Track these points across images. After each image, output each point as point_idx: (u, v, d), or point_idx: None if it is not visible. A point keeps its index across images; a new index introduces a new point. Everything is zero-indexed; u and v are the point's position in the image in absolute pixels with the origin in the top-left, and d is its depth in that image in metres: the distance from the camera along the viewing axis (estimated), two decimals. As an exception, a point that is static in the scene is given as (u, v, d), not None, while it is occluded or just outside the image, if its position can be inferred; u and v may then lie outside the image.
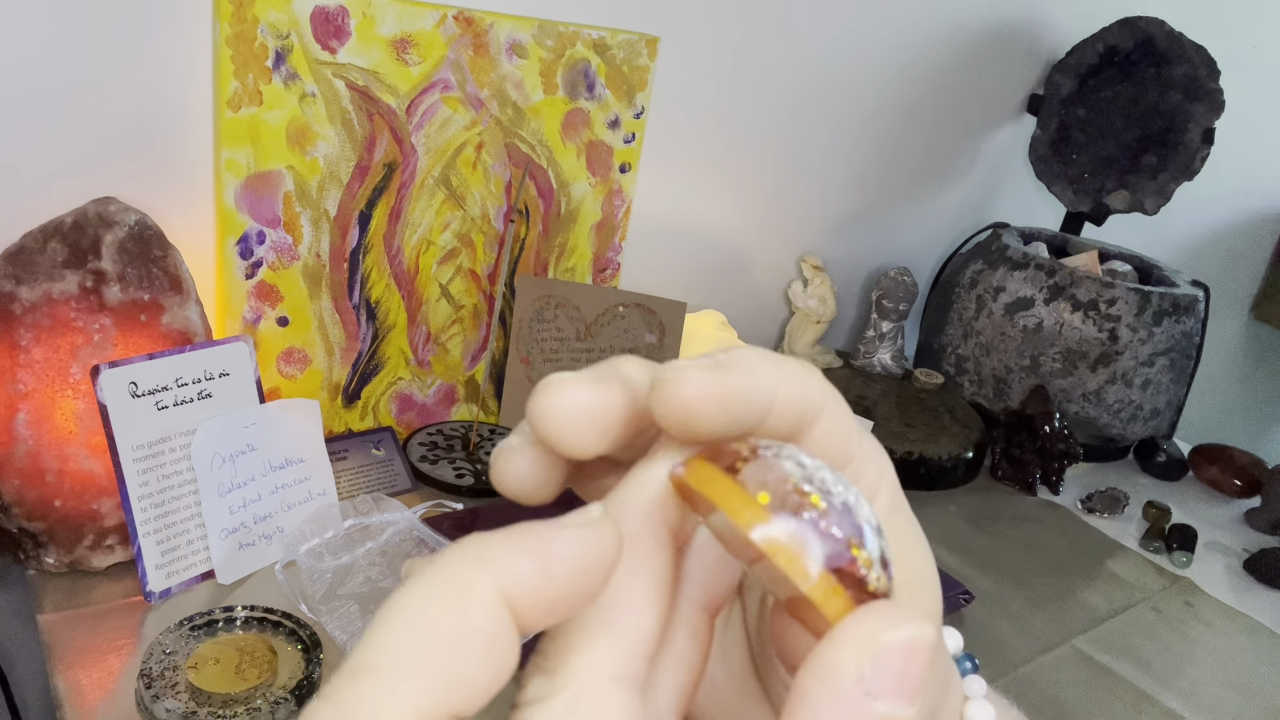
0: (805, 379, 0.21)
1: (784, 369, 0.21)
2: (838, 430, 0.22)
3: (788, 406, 0.20)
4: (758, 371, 0.20)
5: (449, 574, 0.17)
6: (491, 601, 0.17)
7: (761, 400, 0.20)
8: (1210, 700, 0.83)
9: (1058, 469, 1.12)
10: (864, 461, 0.22)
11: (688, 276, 1.16)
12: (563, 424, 0.20)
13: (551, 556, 0.17)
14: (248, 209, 0.79)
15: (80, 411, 0.68)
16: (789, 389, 0.20)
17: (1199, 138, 1.27)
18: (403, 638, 0.16)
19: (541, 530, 0.18)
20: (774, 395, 0.20)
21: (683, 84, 1.03)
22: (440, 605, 0.17)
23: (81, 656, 0.62)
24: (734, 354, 0.20)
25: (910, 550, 0.23)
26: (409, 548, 0.76)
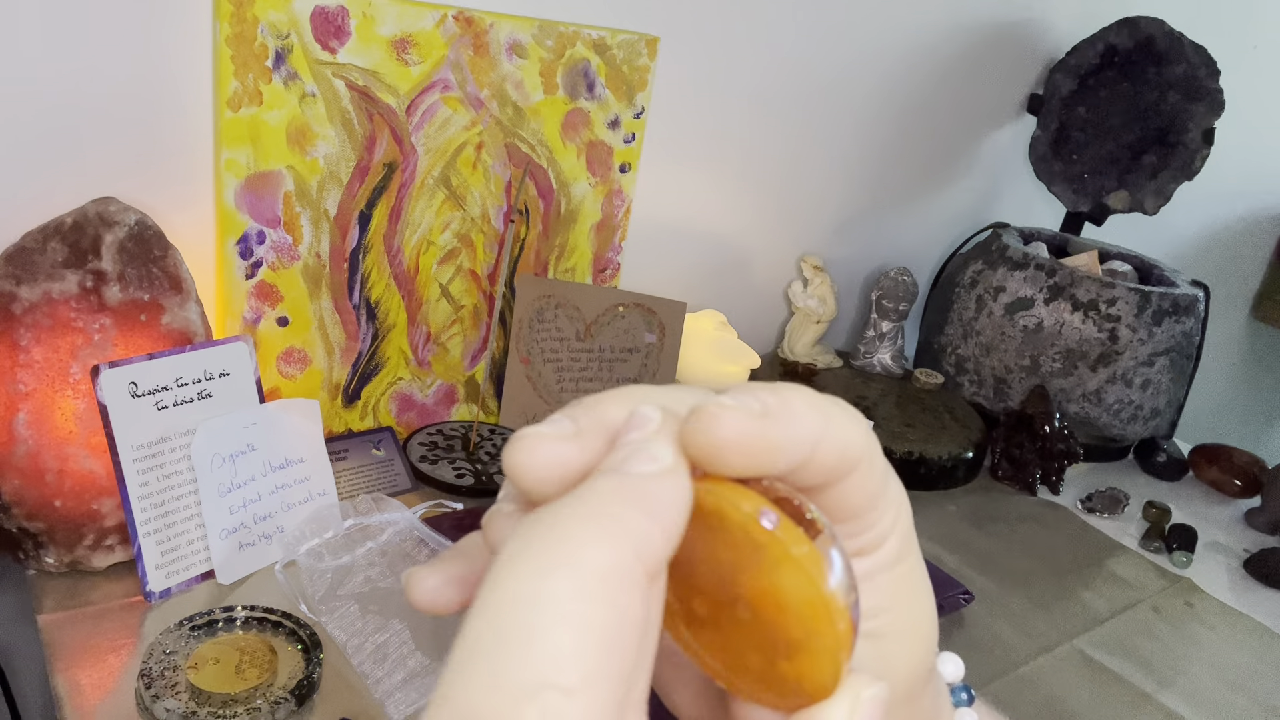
0: (847, 434, 0.20)
1: (831, 423, 0.20)
2: (867, 486, 0.21)
3: (823, 463, 0.20)
4: (802, 426, 0.19)
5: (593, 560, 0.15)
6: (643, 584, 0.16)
7: (798, 455, 0.19)
8: (1210, 700, 0.82)
9: (1058, 469, 1.12)
10: (884, 510, 0.22)
11: (688, 276, 1.16)
12: (535, 482, 0.19)
13: (666, 514, 0.17)
14: (248, 209, 0.79)
15: (80, 411, 0.68)
16: (829, 447, 0.20)
17: (1199, 138, 1.27)
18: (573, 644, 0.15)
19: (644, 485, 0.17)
20: (813, 451, 0.19)
21: (683, 84, 1.03)
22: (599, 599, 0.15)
23: (81, 656, 0.62)
24: (784, 399, 0.19)
25: (909, 599, 0.23)
26: (409, 548, 0.76)
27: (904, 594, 0.23)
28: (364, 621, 0.68)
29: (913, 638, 0.23)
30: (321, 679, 0.63)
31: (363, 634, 0.67)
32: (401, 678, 0.64)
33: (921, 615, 0.23)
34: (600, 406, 0.20)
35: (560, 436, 0.19)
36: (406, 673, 0.64)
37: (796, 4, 1.08)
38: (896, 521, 0.22)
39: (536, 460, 0.18)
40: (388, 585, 0.72)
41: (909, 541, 0.23)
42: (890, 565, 0.22)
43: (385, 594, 0.71)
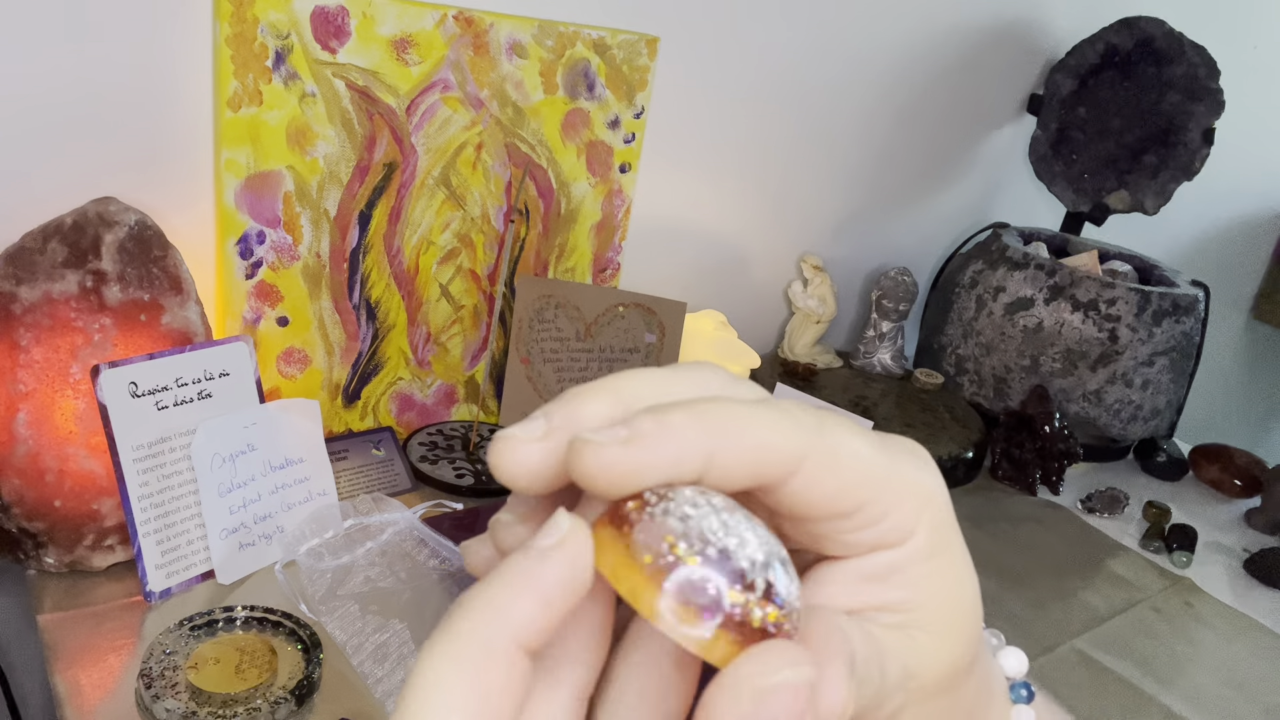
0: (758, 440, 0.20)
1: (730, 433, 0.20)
2: (829, 483, 0.21)
3: (728, 472, 0.20)
4: (676, 445, 0.19)
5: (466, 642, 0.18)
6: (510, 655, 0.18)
7: (686, 470, 0.20)
8: (1210, 700, 0.82)
9: (1058, 469, 1.12)
10: (881, 510, 0.21)
11: (688, 276, 1.16)
12: (515, 478, 0.20)
13: (549, 588, 0.19)
14: (248, 209, 0.79)
15: (80, 411, 0.68)
16: (730, 456, 0.20)
17: (1199, 138, 1.27)
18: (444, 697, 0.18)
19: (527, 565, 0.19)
20: (706, 463, 0.20)
21: (683, 84, 1.03)
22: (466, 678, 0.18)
23: (81, 656, 0.62)
24: (661, 421, 0.19)
25: (946, 593, 0.23)
26: (409, 548, 0.76)
27: (940, 588, 0.23)
28: (364, 621, 0.68)
29: (949, 632, 0.23)
30: (321, 679, 0.63)
31: (363, 634, 0.67)
32: (401, 678, 0.64)
33: (961, 609, 0.23)
34: (577, 402, 0.21)
35: (530, 439, 0.20)
36: (406, 673, 0.64)
37: (796, 4, 1.08)
38: (921, 513, 0.22)
39: (510, 461, 0.20)
40: (388, 585, 0.72)
41: (944, 534, 0.23)
42: (923, 558, 0.22)
43: (385, 594, 0.71)
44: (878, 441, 0.22)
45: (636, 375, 0.22)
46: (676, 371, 0.22)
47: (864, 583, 0.22)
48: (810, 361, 1.22)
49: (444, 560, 0.76)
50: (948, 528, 0.23)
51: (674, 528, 0.19)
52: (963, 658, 0.23)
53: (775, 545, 0.20)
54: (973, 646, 0.24)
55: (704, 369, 0.23)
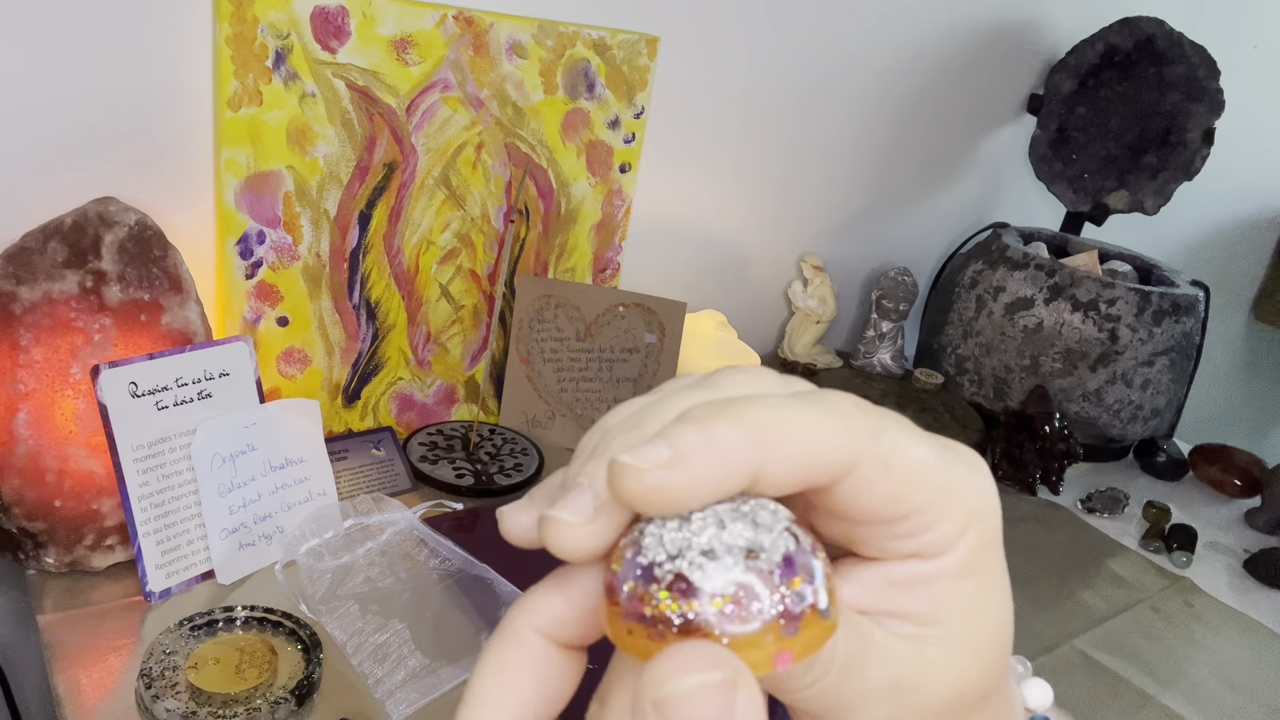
0: (811, 445, 0.19)
1: (781, 441, 0.19)
2: (875, 491, 0.20)
3: (776, 483, 0.19)
4: (730, 459, 0.18)
5: (503, 625, 0.22)
6: (527, 636, 0.21)
7: (732, 488, 0.19)
8: (1210, 700, 0.83)
9: (1058, 469, 1.12)
10: (932, 520, 0.20)
11: (688, 276, 1.16)
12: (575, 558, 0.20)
13: (568, 587, 0.21)
14: (248, 209, 0.79)
15: (80, 411, 0.68)
16: (780, 468, 0.19)
17: (1199, 138, 1.27)
18: (480, 677, 0.21)
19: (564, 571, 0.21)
20: (754, 478, 0.19)
21: (683, 84, 1.03)
22: (496, 650, 0.21)
23: (81, 656, 0.62)
24: (706, 437, 0.18)
25: (971, 616, 0.21)
26: (409, 548, 0.76)
27: (965, 610, 0.21)
28: (364, 621, 0.68)
29: (963, 657, 0.21)
30: (321, 679, 0.63)
31: (363, 634, 0.67)
32: (401, 678, 0.64)
33: (981, 637, 0.22)
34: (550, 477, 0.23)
35: (580, 522, 0.20)
36: (406, 673, 0.64)
37: (797, 4, 1.08)
38: (967, 530, 0.21)
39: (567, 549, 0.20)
40: (388, 585, 0.72)
41: (984, 555, 0.21)
42: (955, 576, 0.21)
43: (385, 594, 0.71)
44: (937, 448, 0.21)
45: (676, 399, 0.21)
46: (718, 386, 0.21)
47: (888, 587, 0.21)
48: (810, 361, 1.22)
49: (444, 560, 0.76)
50: (990, 549, 0.22)
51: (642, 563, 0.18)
52: (974, 687, 0.22)
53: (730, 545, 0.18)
54: (988, 678, 0.22)
55: (744, 375, 0.22)
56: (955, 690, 0.22)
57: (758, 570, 0.18)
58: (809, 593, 0.18)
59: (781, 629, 0.18)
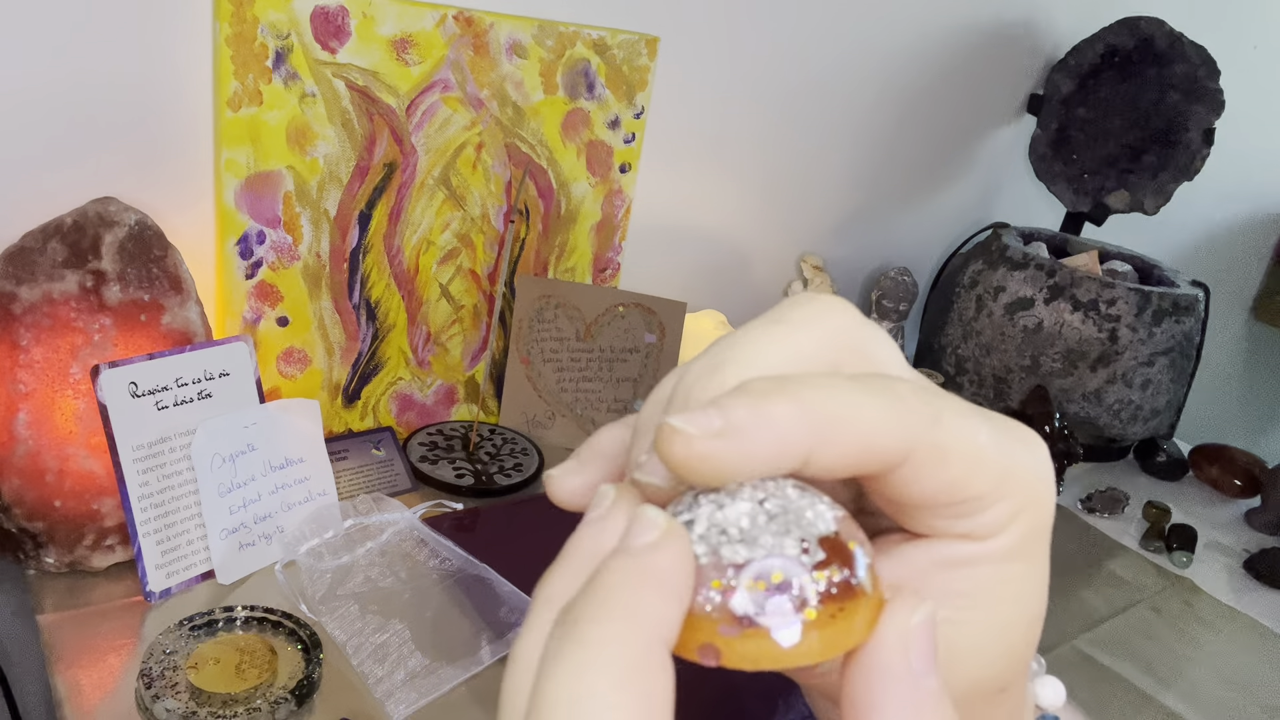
0: (866, 428, 0.18)
1: (837, 423, 0.18)
2: (931, 479, 0.19)
3: (827, 468, 0.19)
4: (782, 438, 0.18)
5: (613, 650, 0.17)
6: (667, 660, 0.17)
7: (780, 467, 0.18)
8: (1210, 700, 0.82)
9: (1058, 469, 1.12)
10: (984, 502, 0.20)
11: (688, 276, 1.16)
12: (565, 505, 0.22)
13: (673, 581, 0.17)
14: (248, 209, 0.79)
15: (80, 411, 0.68)
16: (832, 452, 0.18)
17: (1199, 138, 1.27)
18: None
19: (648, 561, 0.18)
20: (804, 461, 0.18)
21: (683, 84, 1.03)
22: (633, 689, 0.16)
23: (81, 656, 0.62)
24: (760, 411, 0.18)
25: (1007, 604, 0.21)
26: (409, 548, 0.76)
27: (1005, 595, 0.21)
28: (364, 621, 0.68)
29: (994, 643, 0.21)
30: (321, 679, 0.63)
31: (363, 634, 0.67)
32: (401, 678, 0.64)
33: (1015, 624, 0.21)
34: (598, 436, 0.23)
35: (566, 473, 0.22)
36: (406, 673, 0.64)
37: (796, 4, 1.08)
38: (1020, 514, 0.20)
39: (559, 496, 0.22)
40: (388, 585, 0.72)
41: (1033, 543, 0.21)
42: (1001, 559, 0.21)
43: (385, 594, 0.71)
44: (997, 432, 0.20)
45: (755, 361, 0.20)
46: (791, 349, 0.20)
47: (932, 567, 0.21)
48: (810, 361, 1.22)
49: (444, 560, 0.76)
50: (1039, 537, 0.21)
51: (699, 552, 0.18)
52: (995, 677, 0.22)
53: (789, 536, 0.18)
54: (1010, 670, 0.22)
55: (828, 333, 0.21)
56: (977, 678, 0.21)
57: (798, 560, 0.18)
58: (852, 580, 0.18)
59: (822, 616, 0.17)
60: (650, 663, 0.17)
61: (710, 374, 0.20)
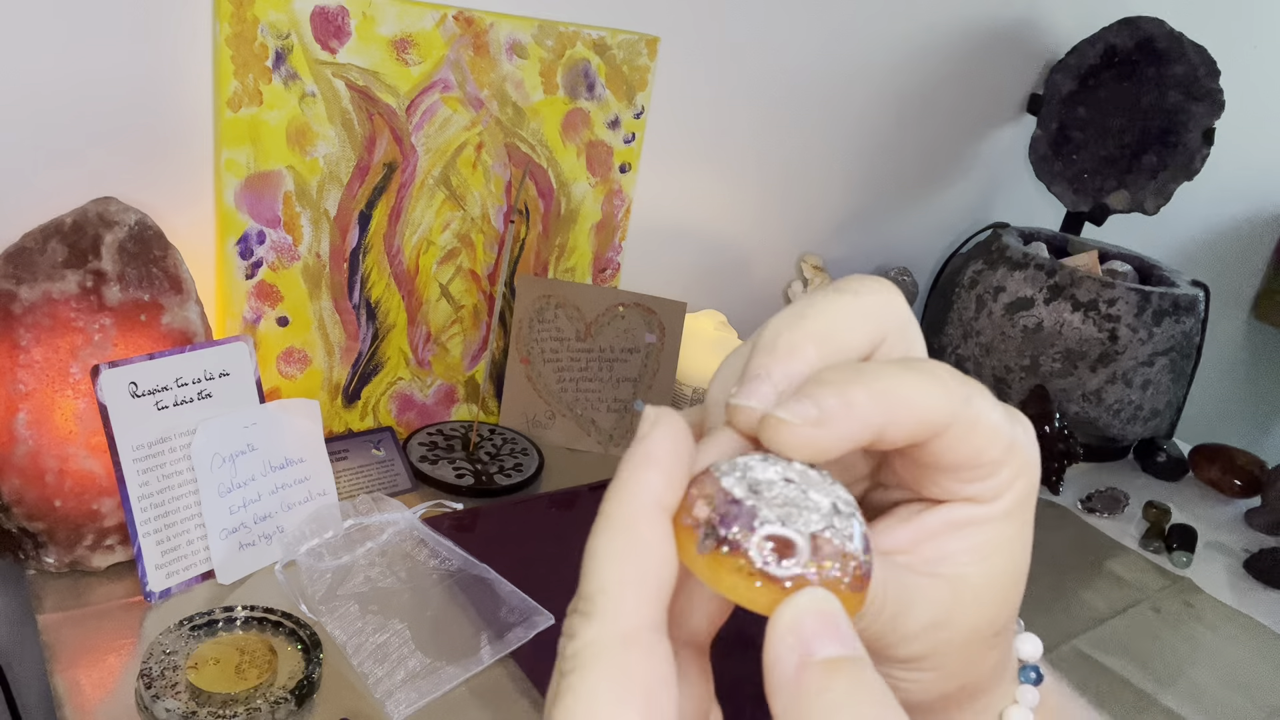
0: (921, 403, 0.23)
1: (901, 405, 0.23)
2: (968, 443, 0.24)
3: (891, 440, 0.23)
4: (864, 422, 0.22)
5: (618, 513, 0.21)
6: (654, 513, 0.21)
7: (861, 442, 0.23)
8: (1210, 700, 0.82)
9: (1058, 469, 1.12)
10: (993, 470, 0.24)
11: (688, 276, 1.16)
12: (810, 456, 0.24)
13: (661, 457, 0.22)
14: (248, 209, 0.79)
15: (80, 411, 0.68)
16: (898, 429, 0.23)
17: (1199, 138, 1.27)
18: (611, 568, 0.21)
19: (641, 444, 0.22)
20: (880, 433, 0.23)
21: (683, 84, 1.03)
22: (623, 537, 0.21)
23: (81, 656, 0.62)
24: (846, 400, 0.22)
25: (1001, 559, 0.26)
26: (409, 548, 0.76)
27: (1002, 550, 0.25)
28: (364, 621, 0.68)
29: (993, 592, 0.26)
30: (321, 679, 0.63)
31: (363, 634, 0.67)
32: (401, 678, 0.64)
33: (1009, 576, 0.26)
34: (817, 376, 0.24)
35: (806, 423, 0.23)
36: (406, 673, 0.64)
37: (797, 4, 1.08)
38: (1016, 480, 0.25)
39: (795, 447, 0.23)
40: (388, 585, 0.72)
41: (1025, 505, 0.26)
42: (1000, 519, 0.25)
43: (385, 594, 0.71)
44: (1006, 412, 0.25)
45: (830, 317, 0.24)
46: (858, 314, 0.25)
47: (943, 528, 0.25)
48: (810, 361, 1.22)
49: (444, 560, 0.76)
50: (1029, 500, 0.26)
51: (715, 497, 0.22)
52: (992, 622, 0.26)
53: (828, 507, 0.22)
54: (1003, 616, 0.26)
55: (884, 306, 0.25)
56: (979, 624, 0.26)
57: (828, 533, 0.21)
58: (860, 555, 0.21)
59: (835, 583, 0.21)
60: (640, 520, 0.21)
61: (795, 321, 0.24)
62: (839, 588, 0.21)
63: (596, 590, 0.21)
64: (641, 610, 0.21)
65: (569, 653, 0.21)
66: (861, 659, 0.20)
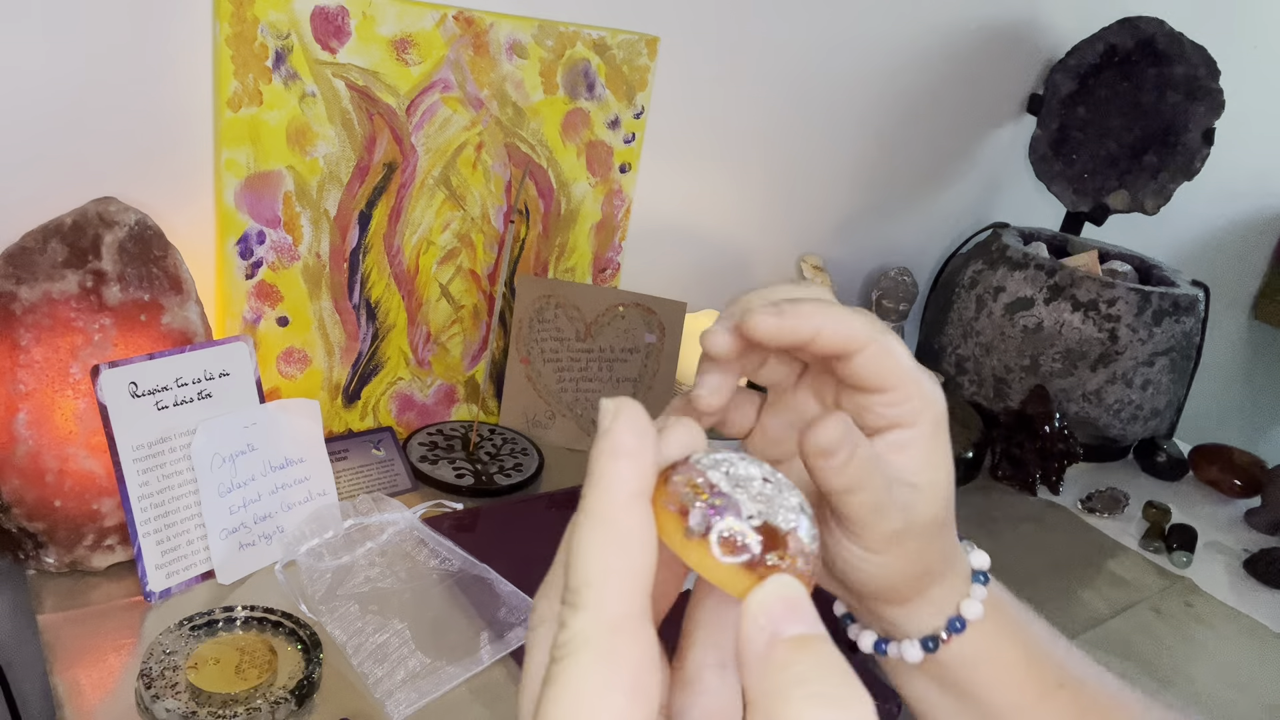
0: (848, 325, 0.33)
1: (829, 314, 0.33)
2: (881, 363, 0.34)
3: (827, 341, 0.33)
4: (808, 319, 0.32)
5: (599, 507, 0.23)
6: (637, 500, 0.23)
7: (804, 335, 0.33)
8: (1210, 700, 0.82)
9: (1058, 469, 1.12)
10: (906, 395, 0.34)
11: (688, 276, 1.16)
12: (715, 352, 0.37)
13: (627, 447, 0.24)
14: (248, 209, 0.79)
15: (80, 411, 0.68)
16: (830, 330, 0.33)
17: (1199, 138, 1.27)
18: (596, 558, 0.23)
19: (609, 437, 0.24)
20: (816, 333, 0.33)
21: (683, 84, 1.03)
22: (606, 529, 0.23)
23: (81, 656, 0.62)
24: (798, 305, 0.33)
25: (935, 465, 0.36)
26: (409, 548, 0.76)
27: (931, 461, 0.36)
28: (364, 621, 0.68)
29: (936, 490, 0.36)
30: (321, 679, 0.63)
31: (363, 634, 0.67)
32: (401, 678, 0.64)
33: (943, 476, 0.36)
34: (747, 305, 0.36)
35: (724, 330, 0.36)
36: (406, 673, 0.64)
37: (796, 5, 1.08)
38: (925, 409, 0.35)
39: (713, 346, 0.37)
40: (388, 585, 0.72)
41: (940, 426, 0.36)
42: (926, 438, 0.35)
43: (385, 594, 0.71)
44: (911, 357, 0.35)
45: (781, 289, 0.35)
46: (802, 287, 0.36)
47: (891, 450, 0.35)
48: (810, 361, 1.22)
49: (444, 560, 0.76)
50: (942, 424, 0.36)
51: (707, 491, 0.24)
52: (942, 511, 0.37)
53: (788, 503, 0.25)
54: (947, 508, 0.37)
55: (820, 291, 0.36)
56: (933, 515, 0.36)
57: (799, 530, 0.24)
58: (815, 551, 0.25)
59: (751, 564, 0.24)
60: (619, 511, 0.23)
61: (766, 292, 0.36)
62: (803, 578, 0.24)
63: (582, 583, 0.23)
64: (626, 599, 0.22)
65: (560, 640, 0.22)
66: (823, 636, 0.23)
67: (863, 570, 0.37)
